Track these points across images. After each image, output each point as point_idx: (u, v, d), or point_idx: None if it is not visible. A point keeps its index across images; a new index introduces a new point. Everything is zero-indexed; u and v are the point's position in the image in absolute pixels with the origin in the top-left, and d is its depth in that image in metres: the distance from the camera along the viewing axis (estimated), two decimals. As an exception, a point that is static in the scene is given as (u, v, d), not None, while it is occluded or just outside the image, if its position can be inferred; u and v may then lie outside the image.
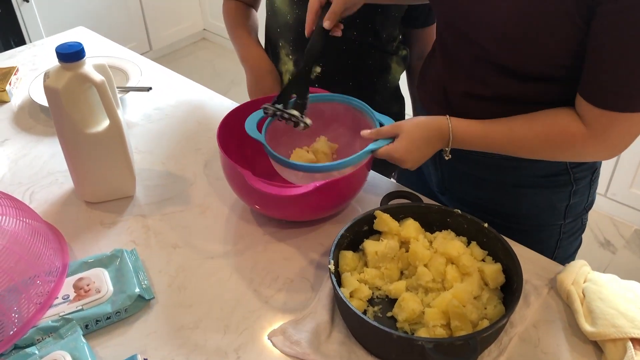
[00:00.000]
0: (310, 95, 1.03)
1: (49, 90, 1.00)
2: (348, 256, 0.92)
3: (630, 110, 0.82)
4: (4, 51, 1.71)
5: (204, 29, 3.90)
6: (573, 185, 1.04)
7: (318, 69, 1.28)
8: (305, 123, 0.99)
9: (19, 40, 2.89)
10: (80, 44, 1.00)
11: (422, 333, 0.83)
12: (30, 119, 1.39)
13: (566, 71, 0.87)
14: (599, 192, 2.37)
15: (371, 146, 0.95)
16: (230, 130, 1.09)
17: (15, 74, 1.50)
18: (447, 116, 0.95)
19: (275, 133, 1.04)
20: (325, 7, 1.00)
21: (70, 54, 0.98)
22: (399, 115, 1.39)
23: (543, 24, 0.82)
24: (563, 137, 0.89)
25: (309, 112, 1.01)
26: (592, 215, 2.34)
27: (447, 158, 0.96)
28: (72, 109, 1.01)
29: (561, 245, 1.10)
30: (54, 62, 1.52)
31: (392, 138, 0.95)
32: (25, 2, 2.86)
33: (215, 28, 3.79)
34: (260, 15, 1.41)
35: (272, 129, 1.03)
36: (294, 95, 1.01)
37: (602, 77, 0.82)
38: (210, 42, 3.94)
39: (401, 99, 1.40)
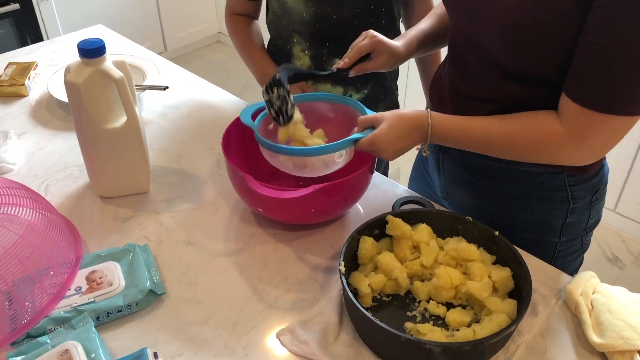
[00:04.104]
0: (309, 94, 1.08)
1: (69, 85, 1.02)
2: (368, 242, 0.94)
3: (612, 113, 0.82)
4: (21, 47, 1.73)
5: (219, 32, 3.93)
6: (570, 203, 1.02)
7: (337, 61, 1.30)
8: (285, 120, 0.99)
9: (35, 38, 2.92)
10: (101, 41, 1.02)
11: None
12: (47, 113, 1.41)
13: (565, 76, 0.87)
14: (608, 207, 2.37)
15: (356, 135, 0.95)
16: (236, 137, 1.11)
17: (34, 69, 1.52)
18: (428, 110, 0.95)
19: (268, 128, 1.05)
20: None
21: (92, 50, 1.00)
22: (395, 101, 1.45)
23: (544, 23, 0.82)
24: (539, 135, 0.88)
25: (306, 109, 1.05)
26: (600, 230, 2.36)
27: (424, 154, 0.98)
28: (91, 104, 1.03)
29: (555, 264, 1.07)
30: (72, 58, 1.54)
31: (374, 127, 0.95)
32: (44, 0, 2.90)
33: (230, 31, 3.81)
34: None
35: (265, 123, 1.04)
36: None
37: (588, 75, 0.81)
38: (224, 45, 3.97)
39: (397, 80, 1.46)
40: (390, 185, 1.19)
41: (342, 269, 0.87)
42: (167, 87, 1.42)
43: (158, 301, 0.94)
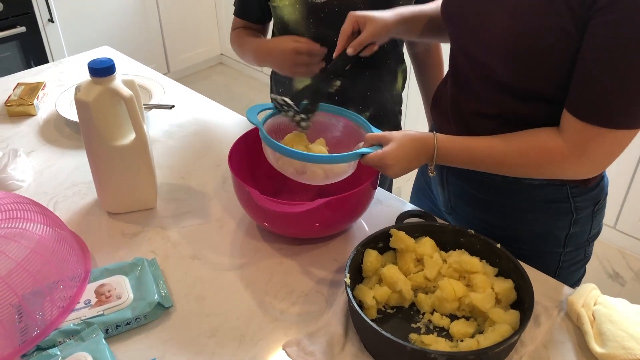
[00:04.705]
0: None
1: (79, 103, 1.04)
2: (372, 255, 0.96)
3: (612, 127, 0.84)
4: (24, 70, 1.76)
5: (221, 54, 3.99)
6: (574, 214, 1.05)
7: (338, 83, 1.32)
8: (308, 124, 1.04)
9: (40, 61, 2.96)
10: (111, 60, 1.05)
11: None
12: (55, 132, 1.44)
13: (565, 92, 0.89)
14: (608, 224, 2.39)
15: (363, 150, 0.97)
16: (243, 153, 1.14)
17: (42, 89, 1.55)
18: (434, 133, 0.97)
19: (273, 132, 1.07)
20: (355, 33, 1.06)
21: (102, 69, 1.03)
22: (398, 126, 1.48)
23: (541, 40, 0.86)
24: (541, 152, 0.91)
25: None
26: (600, 247, 2.37)
27: (431, 175, 1.00)
28: (100, 122, 1.05)
29: (560, 274, 1.10)
30: (79, 79, 1.57)
31: (382, 145, 0.96)
32: (50, 23, 2.95)
33: (232, 53, 3.85)
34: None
35: (270, 127, 1.06)
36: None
37: (588, 90, 0.84)
38: (226, 67, 4.02)
39: (400, 105, 1.48)
40: (394, 201, 1.21)
41: (348, 280, 0.89)
42: (173, 106, 1.45)
43: (166, 314, 0.95)
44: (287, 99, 1.04)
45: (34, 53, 2.94)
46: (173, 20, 3.57)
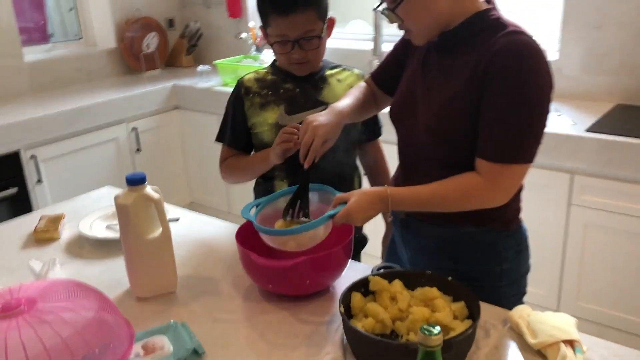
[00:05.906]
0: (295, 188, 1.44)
1: (120, 207, 1.35)
2: (357, 296, 1.24)
3: (510, 162, 1.22)
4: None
5: (192, 202, 4.35)
6: (502, 252, 1.39)
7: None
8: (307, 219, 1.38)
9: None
10: (143, 173, 1.38)
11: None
12: (78, 249, 1.71)
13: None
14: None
15: (330, 212, 1.29)
16: (246, 237, 1.44)
17: (63, 219, 1.84)
18: (386, 186, 1.31)
19: (264, 220, 1.40)
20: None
21: (137, 179, 1.36)
22: None
23: (456, 121, 1.26)
24: (466, 188, 1.27)
25: None
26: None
27: (389, 220, 1.35)
28: (136, 220, 1.36)
29: (504, 305, 1.37)
30: (90, 211, 1.89)
31: (346, 203, 1.29)
32: (38, 183, 3.27)
33: (202, 201, 4.25)
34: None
35: (264, 217, 1.40)
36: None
37: (490, 139, 1.23)
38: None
39: None
40: (368, 270, 1.51)
41: (342, 309, 1.18)
42: (178, 219, 1.76)
43: None
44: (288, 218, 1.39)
45: (22, 210, 3.21)
46: (147, 175, 3.95)
